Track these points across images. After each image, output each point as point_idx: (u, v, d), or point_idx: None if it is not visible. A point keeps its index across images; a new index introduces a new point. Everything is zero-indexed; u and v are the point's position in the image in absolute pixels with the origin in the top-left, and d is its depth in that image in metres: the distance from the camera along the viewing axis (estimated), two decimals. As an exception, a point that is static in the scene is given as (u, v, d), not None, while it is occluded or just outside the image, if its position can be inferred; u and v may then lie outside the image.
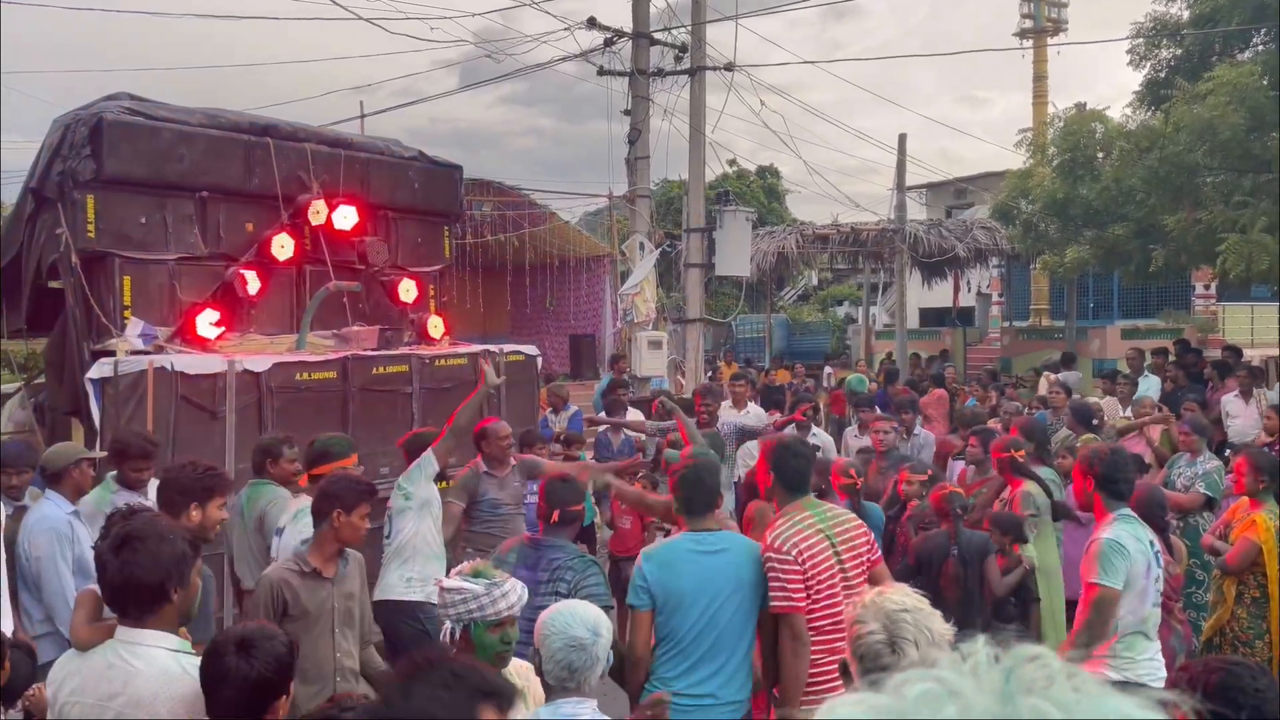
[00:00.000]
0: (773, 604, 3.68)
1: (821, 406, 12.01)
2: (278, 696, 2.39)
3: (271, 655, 2.37)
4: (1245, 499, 5.30)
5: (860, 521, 4.05)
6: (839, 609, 3.66)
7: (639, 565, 3.75)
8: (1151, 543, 4.12)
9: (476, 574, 2.88)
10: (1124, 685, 0.68)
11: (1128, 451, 5.03)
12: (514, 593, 2.82)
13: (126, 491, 4.80)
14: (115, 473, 4.94)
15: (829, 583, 3.74)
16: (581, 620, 2.59)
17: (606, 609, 3.49)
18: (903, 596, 2.20)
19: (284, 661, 2.40)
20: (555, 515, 3.97)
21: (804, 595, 3.67)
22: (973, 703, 0.62)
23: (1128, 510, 4.17)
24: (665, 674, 3.64)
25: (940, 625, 2.18)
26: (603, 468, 6.44)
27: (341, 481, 3.93)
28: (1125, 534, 4.01)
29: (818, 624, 3.68)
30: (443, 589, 2.88)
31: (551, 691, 2.60)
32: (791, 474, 3.86)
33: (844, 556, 3.79)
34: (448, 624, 2.83)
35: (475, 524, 5.89)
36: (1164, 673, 4.05)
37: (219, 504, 3.87)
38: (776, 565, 3.68)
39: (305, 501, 4.47)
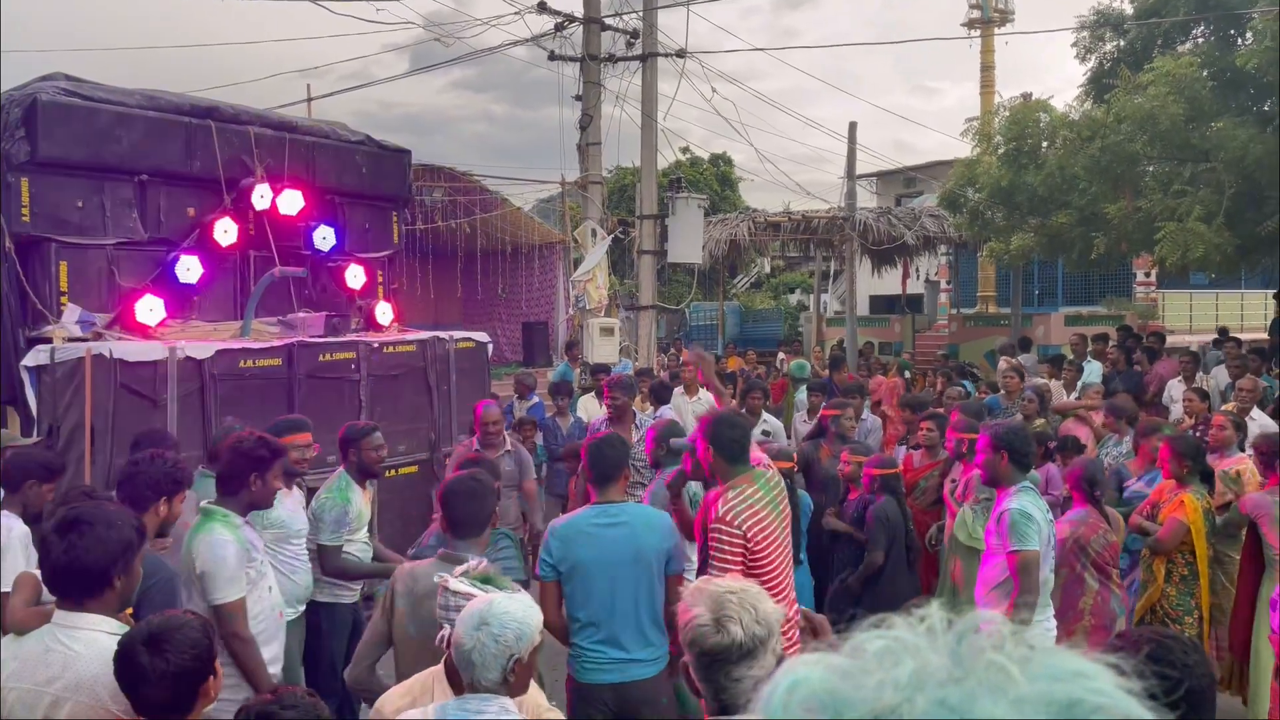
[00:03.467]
0: (711, 572, 3.82)
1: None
2: (203, 680, 2.36)
3: (187, 644, 2.31)
4: (1171, 480, 5.46)
5: (784, 487, 4.24)
6: (782, 572, 3.96)
7: (545, 539, 3.92)
8: (1048, 512, 4.43)
9: (485, 579, 2.70)
10: None
11: (1029, 428, 5.61)
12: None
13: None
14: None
15: (771, 549, 3.92)
16: (467, 618, 2.43)
17: (521, 582, 3.77)
18: (730, 582, 2.18)
19: (201, 646, 2.35)
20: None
21: (740, 567, 3.81)
22: (929, 660, 0.64)
23: (1028, 482, 4.46)
24: (582, 642, 3.85)
25: (768, 606, 2.13)
26: None
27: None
28: (1028, 503, 4.30)
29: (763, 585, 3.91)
30: (445, 589, 2.69)
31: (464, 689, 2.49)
32: (730, 445, 3.95)
33: (784, 522, 4.04)
34: (446, 628, 2.65)
35: None
36: (1054, 634, 4.41)
37: (182, 498, 3.83)
38: (724, 537, 3.82)
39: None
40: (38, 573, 3.02)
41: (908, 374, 13.24)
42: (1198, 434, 6.62)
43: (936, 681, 0.62)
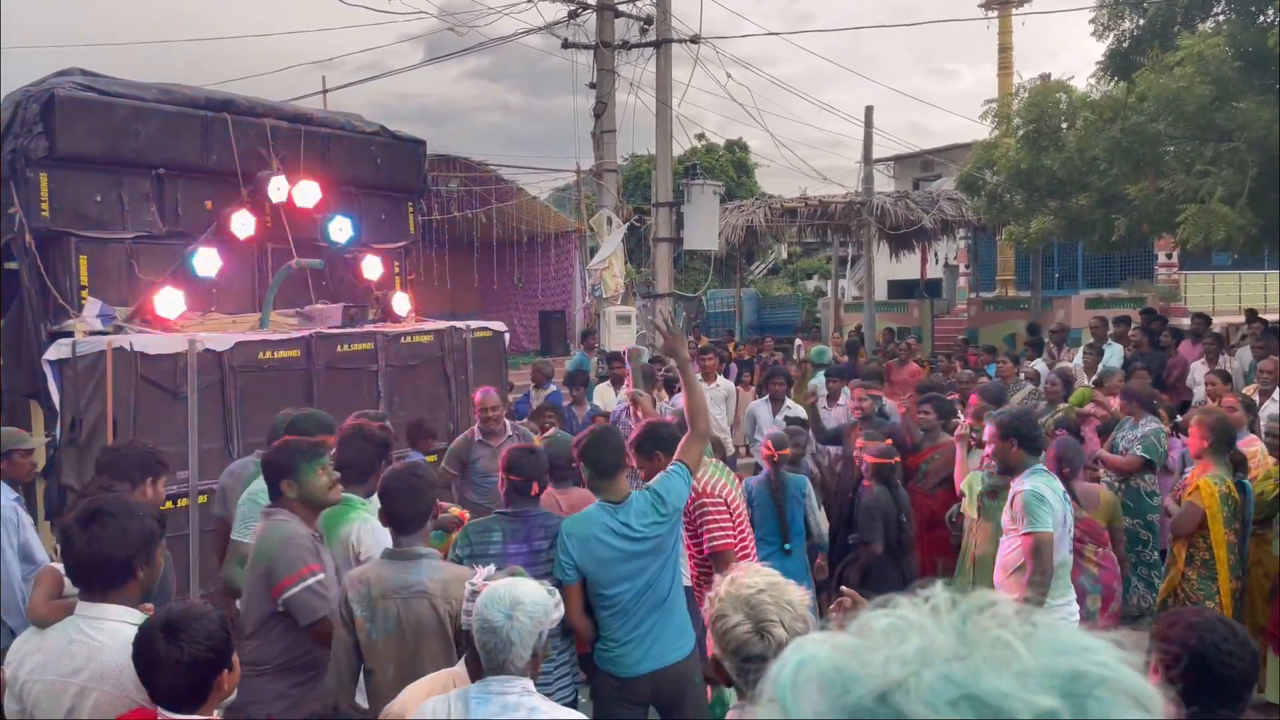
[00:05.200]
0: (712, 544, 4.20)
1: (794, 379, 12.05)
2: (219, 672, 2.37)
3: (203, 634, 2.32)
4: (1200, 463, 5.41)
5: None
6: (748, 538, 4.53)
7: (562, 541, 3.82)
8: (1064, 493, 4.47)
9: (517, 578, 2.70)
10: None
11: (1035, 410, 5.87)
12: (562, 604, 2.71)
13: None
14: None
15: (741, 514, 4.45)
16: (496, 602, 2.46)
17: None
18: (754, 577, 2.15)
19: (217, 638, 2.35)
20: (535, 488, 4.00)
21: (732, 531, 4.28)
22: (935, 637, 0.65)
23: (1041, 465, 4.50)
24: (615, 634, 3.83)
25: (796, 594, 2.14)
26: None
27: None
28: (1041, 484, 4.34)
29: (746, 552, 4.39)
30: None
31: (483, 671, 2.50)
32: (671, 441, 4.17)
33: (740, 494, 4.59)
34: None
35: (467, 491, 6.07)
36: (1077, 618, 4.48)
37: (164, 481, 3.87)
38: (710, 508, 4.24)
39: None
40: (58, 566, 3.04)
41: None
42: None
43: (942, 658, 0.63)
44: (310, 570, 3.42)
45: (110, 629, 2.60)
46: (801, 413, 8.76)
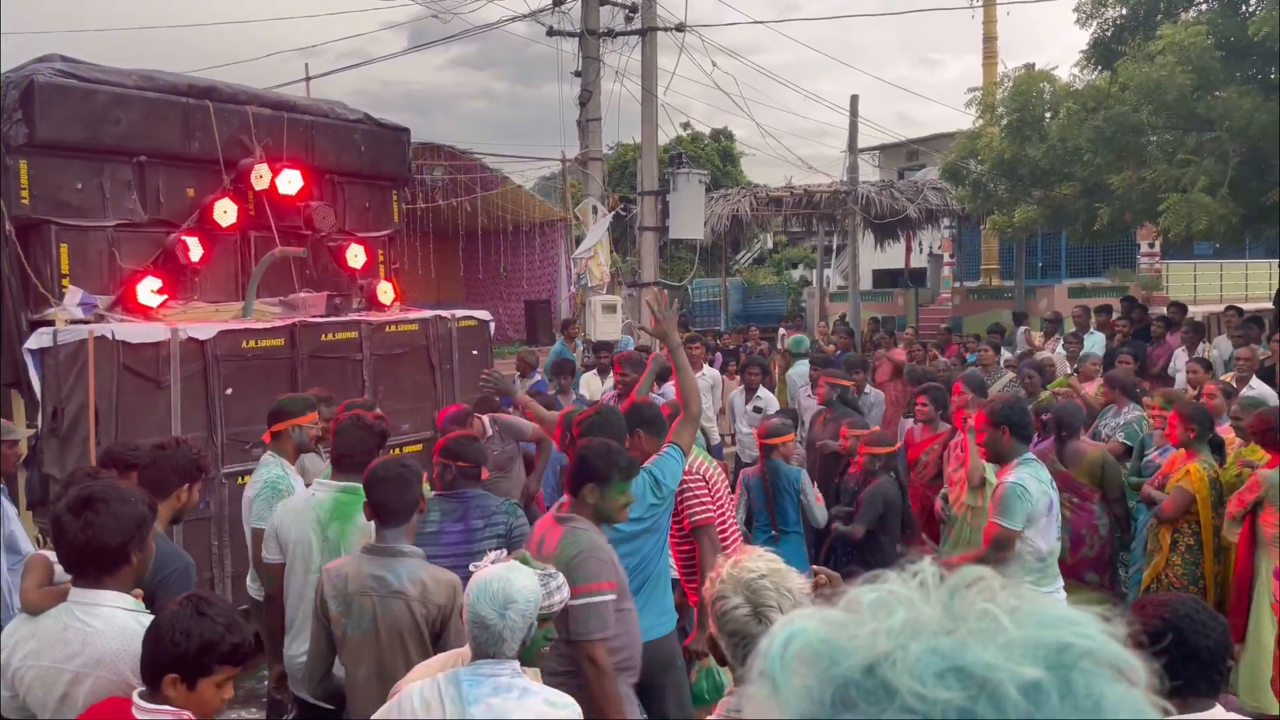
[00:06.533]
0: (693, 518, 4.34)
1: (774, 368, 12.09)
2: (218, 664, 2.36)
3: (224, 608, 2.38)
4: (1182, 451, 5.45)
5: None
6: (731, 515, 4.79)
7: None
8: (1051, 483, 4.50)
9: (524, 562, 2.69)
10: None
11: (1026, 400, 5.97)
12: (565, 587, 2.70)
13: None
14: None
15: (724, 494, 4.65)
16: (491, 597, 2.48)
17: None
18: (757, 562, 2.18)
19: (236, 624, 2.39)
20: (485, 473, 4.16)
21: (712, 505, 4.41)
22: (921, 611, 0.66)
23: (1030, 454, 4.51)
24: None
25: (797, 581, 2.17)
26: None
27: None
28: (1027, 476, 4.35)
29: (725, 531, 4.57)
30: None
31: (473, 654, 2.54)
32: (654, 420, 4.33)
33: (723, 476, 4.82)
34: None
35: None
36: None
37: (200, 486, 3.81)
38: (692, 486, 4.37)
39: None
40: (46, 553, 3.04)
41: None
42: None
43: (929, 631, 0.64)
44: (604, 587, 3.31)
45: (105, 615, 2.61)
46: (772, 401, 8.83)
